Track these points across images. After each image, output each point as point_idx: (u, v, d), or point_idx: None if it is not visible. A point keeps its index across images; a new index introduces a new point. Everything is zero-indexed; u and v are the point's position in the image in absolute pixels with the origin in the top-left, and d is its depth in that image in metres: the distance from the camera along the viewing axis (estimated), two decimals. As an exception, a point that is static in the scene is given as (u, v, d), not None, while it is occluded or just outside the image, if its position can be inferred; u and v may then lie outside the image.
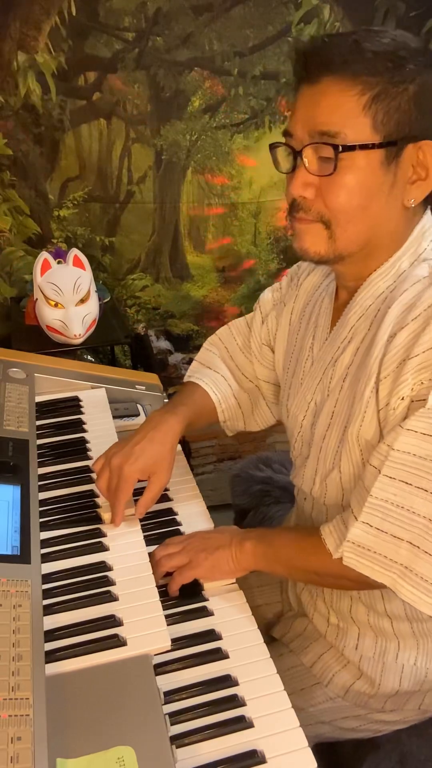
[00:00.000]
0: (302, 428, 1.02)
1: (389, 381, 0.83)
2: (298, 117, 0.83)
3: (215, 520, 1.07)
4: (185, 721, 0.76)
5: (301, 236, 0.88)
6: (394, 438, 0.80)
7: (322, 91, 0.80)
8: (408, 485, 0.80)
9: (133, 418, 1.28)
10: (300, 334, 1.06)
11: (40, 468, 1.07)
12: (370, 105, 0.79)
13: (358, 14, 1.87)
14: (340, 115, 0.80)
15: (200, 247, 2.10)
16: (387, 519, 0.82)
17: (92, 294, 1.71)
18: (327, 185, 0.83)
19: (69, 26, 1.73)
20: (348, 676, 1.04)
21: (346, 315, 0.93)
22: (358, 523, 0.83)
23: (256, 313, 1.18)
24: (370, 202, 0.83)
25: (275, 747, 0.74)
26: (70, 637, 0.81)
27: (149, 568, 0.92)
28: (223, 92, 1.88)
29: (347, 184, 0.82)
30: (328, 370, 0.96)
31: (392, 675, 1.02)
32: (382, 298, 0.89)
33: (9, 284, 1.98)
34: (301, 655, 1.08)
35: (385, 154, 0.81)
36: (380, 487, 0.81)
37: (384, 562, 0.83)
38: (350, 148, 0.80)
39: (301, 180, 0.84)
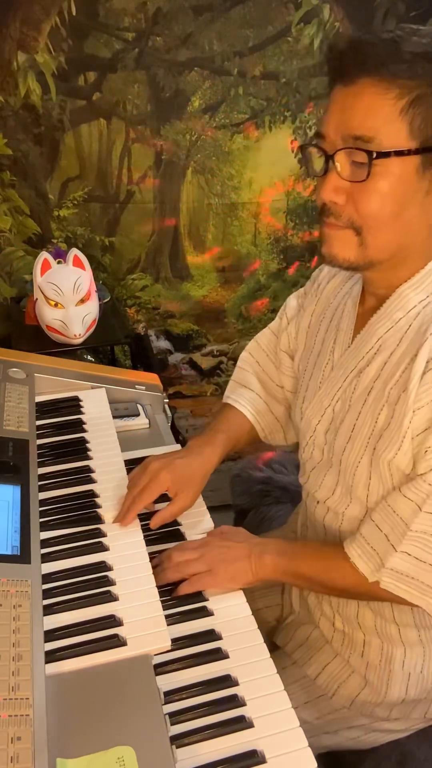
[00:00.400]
0: (315, 432, 1.00)
1: (423, 413, 0.82)
2: (332, 119, 0.80)
3: (215, 520, 1.07)
4: (185, 721, 0.76)
5: (330, 242, 0.85)
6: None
7: (357, 93, 0.77)
8: None
9: (133, 418, 1.28)
10: (319, 336, 1.05)
11: (40, 468, 1.07)
12: (408, 109, 0.76)
13: (358, 14, 1.88)
14: (375, 120, 0.77)
15: (200, 247, 2.10)
16: (426, 549, 0.84)
17: (92, 294, 1.70)
18: (359, 191, 0.80)
19: (69, 26, 1.73)
20: (353, 686, 1.03)
21: (374, 325, 0.90)
22: (397, 554, 0.85)
23: (282, 320, 1.17)
24: (403, 209, 0.80)
25: (275, 747, 0.74)
26: (70, 637, 0.81)
27: (149, 568, 0.92)
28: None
29: (380, 191, 0.79)
30: (351, 380, 0.93)
31: (399, 683, 1.01)
32: (414, 312, 0.86)
33: (9, 284, 1.98)
34: (305, 667, 1.08)
35: (421, 160, 0.78)
36: (421, 522, 0.83)
37: (421, 587, 0.85)
38: (385, 154, 0.77)
39: (333, 184, 0.81)
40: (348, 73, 0.78)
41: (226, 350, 2.29)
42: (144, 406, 1.33)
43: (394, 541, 0.85)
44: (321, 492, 1.01)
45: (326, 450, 0.99)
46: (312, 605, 1.10)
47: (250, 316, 2.24)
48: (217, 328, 2.24)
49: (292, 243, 2.12)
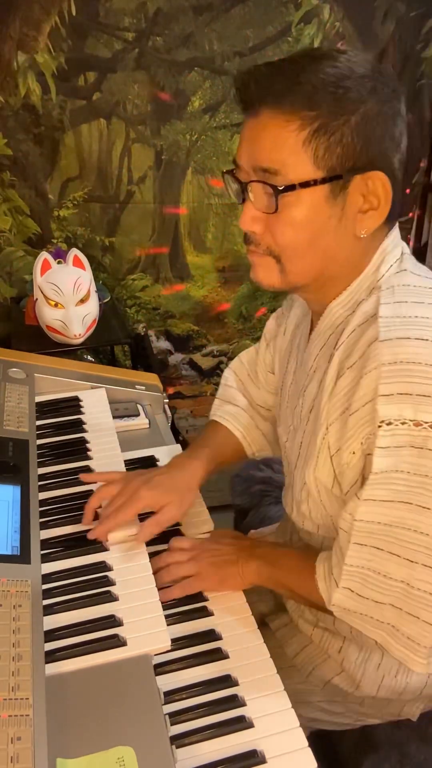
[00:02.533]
0: (286, 450, 1.01)
1: (334, 429, 0.82)
2: (243, 149, 0.80)
3: (215, 520, 1.07)
4: (185, 721, 0.76)
5: (255, 268, 0.86)
6: (354, 508, 0.78)
7: (262, 124, 0.77)
8: (380, 550, 0.79)
9: (133, 418, 1.28)
10: (291, 356, 1.05)
11: (40, 468, 1.07)
12: (311, 140, 0.75)
13: (358, 14, 1.88)
14: (279, 152, 0.76)
15: (200, 246, 2.10)
16: (366, 585, 0.82)
17: (92, 294, 1.71)
18: (274, 221, 0.80)
19: (69, 26, 1.73)
20: (328, 670, 1.03)
21: (311, 344, 0.92)
22: (339, 589, 0.84)
23: (262, 340, 1.17)
24: (318, 236, 0.80)
25: (275, 747, 0.74)
26: (70, 637, 0.81)
27: (149, 568, 0.92)
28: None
29: (293, 221, 0.79)
30: (299, 400, 0.95)
31: (371, 682, 1.00)
32: (340, 329, 0.86)
33: (9, 284, 1.98)
34: (285, 646, 1.08)
35: (330, 188, 0.77)
36: (353, 554, 0.81)
37: (371, 621, 0.84)
38: (290, 187, 0.76)
39: (249, 215, 0.81)
40: (252, 105, 0.78)
41: (226, 350, 2.29)
42: (144, 406, 1.33)
43: (336, 576, 0.84)
44: (287, 507, 1.02)
45: (288, 468, 1.00)
46: (292, 610, 1.09)
47: (251, 316, 2.24)
48: (217, 328, 2.24)
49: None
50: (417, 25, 1.94)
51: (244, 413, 1.17)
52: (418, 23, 1.94)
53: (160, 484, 0.98)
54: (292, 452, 0.97)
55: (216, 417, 1.17)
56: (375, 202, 0.79)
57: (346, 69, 0.76)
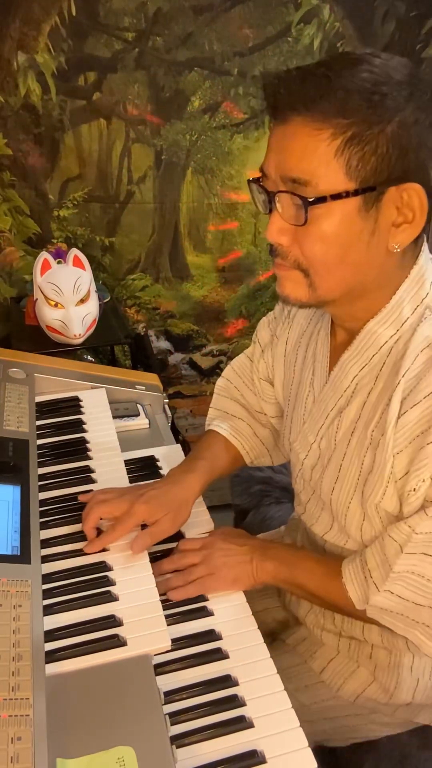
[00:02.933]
0: (303, 467, 0.99)
1: (402, 457, 0.80)
2: (271, 158, 0.77)
3: (215, 520, 1.07)
4: (185, 721, 0.76)
5: (281, 282, 0.83)
6: (417, 522, 0.79)
7: (291, 133, 0.74)
8: (427, 556, 0.80)
9: (133, 418, 1.28)
10: (297, 365, 1.02)
11: (40, 468, 1.07)
12: (343, 150, 0.71)
13: (358, 14, 1.88)
14: (310, 162, 0.72)
15: (200, 246, 2.10)
16: (408, 588, 0.82)
17: (92, 294, 1.71)
18: (302, 234, 0.76)
19: (69, 26, 1.73)
20: (361, 680, 1.02)
21: (347, 363, 0.88)
22: (381, 593, 0.84)
23: (255, 346, 1.14)
24: (349, 251, 0.76)
25: (275, 747, 0.74)
26: (70, 637, 0.81)
27: (149, 568, 0.92)
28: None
29: (323, 235, 0.75)
30: (333, 419, 0.91)
31: (407, 687, 1.00)
32: (386, 349, 0.84)
33: (9, 284, 1.98)
34: (309, 660, 1.06)
35: (362, 200, 0.73)
36: (402, 562, 0.81)
37: (407, 621, 0.85)
38: (321, 199, 0.73)
39: (277, 226, 0.78)
40: (281, 111, 0.74)
41: (226, 350, 2.29)
42: (144, 406, 1.33)
43: (377, 580, 0.84)
44: (318, 527, 1.00)
45: (314, 487, 0.98)
46: (311, 625, 1.08)
47: (250, 316, 2.24)
48: (218, 328, 2.24)
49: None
50: (417, 25, 1.94)
51: (242, 422, 1.16)
52: (418, 23, 1.94)
53: (154, 498, 0.96)
54: (322, 473, 0.94)
55: (213, 427, 1.16)
56: (410, 215, 0.75)
57: (382, 74, 0.72)
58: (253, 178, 0.81)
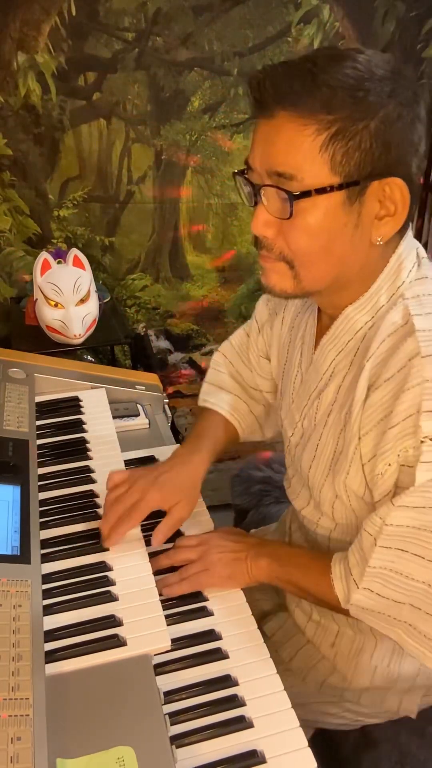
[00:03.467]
0: (290, 444, 1.02)
1: (369, 439, 0.81)
2: (256, 151, 0.78)
3: (215, 520, 1.07)
4: (185, 721, 0.76)
5: (266, 273, 0.84)
6: (387, 513, 0.79)
7: (277, 127, 0.74)
8: (404, 552, 0.80)
9: (133, 418, 1.28)
10: (291, 346, 1.04)
11: (40, 468, 1.07)
12: (327, 145, 0.73)
13: (358, 14, 1.88)
14: (295, 156, 0.74)
15: (200, 246, 2.10)
16: (387, 585, 0.82)
17: (92, 294, 1.71)
18: (287, 227, 0.78)
19: (69, 26, 1.73)
20: (322, 671, 1.05)
21: (326, 347, 0.91)
22: (359, 590, 0.84)
23: (252, 323, 1.15)
24: (333, 243, 0.78)
25: (275, 747, 0.74)
26: (70, 637, 0.81)
27: (149, 568, 0.92)
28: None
29: (308, 228, 0.77)
30: (314, 400, 0.94)
31: (365, 673, 1.02)
32: (361, 335, 0.86)
33: (9, 284, 1.98)
34: (280, 650, 1.08)
35: (346, 194, 0.75)
36: (377, 557, 0.81)
37: (388, 620, 0.85)
38: (306, 193, 0.74)
39: (262, 219, 0.79)
40: (267, 106, 0.75)
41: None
42: (144, 406, 1.33)
43: (356, 577, 0.85)
44: (298, 501, 1.02)
45: (296, 463, 1.00)
46: (289, 597, 1.10)
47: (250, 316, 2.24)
48: (217, 327, 2.24)
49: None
50: (417, 25, 1.94)
51: (237, 398, 1.17)
52: (418, 23, 1.94)
53: (167, 482, 0.97)
54: (303, 450, 0.97)
55: (208, 404, 1.16)
56: (392, 208, 0.77)
57: (366, 71, 0.73)
58: (238, 170, 0.82)
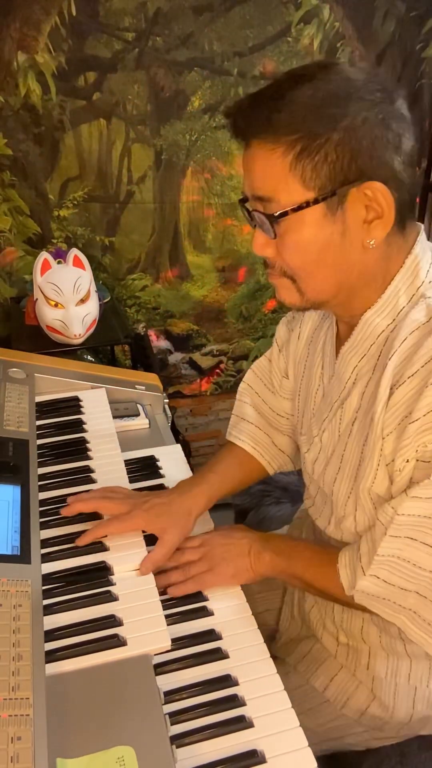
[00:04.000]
0: (306, 460, 1.01)
1: (392, 438, 0.81)
2: (245, 180, 0.82)
3: (215, 520, 1.07)
4: (185, 721, 0.76)
5: (277, 290, 0.88)
6: (399, 503, 0.80)
7: (252, 155, 0.79)
8: (413, 540, 0.80)
9: (133, 418, 1.28)
10: (309, 361, 1.04)
11: (40, 468, 1.07)
12: (295, 164, 0.76)
13: (358, 14, 1.88)
14: (269, 179, 0.78)
15: (200, 247, 2.10)
16: (394, 573, 0.83)
17: (92, 294, 1.71)
18: (280, 245, 0.81)
19: (69, 26, 1.73)
20: (362, 699, 1.02)
21: (347, 354, 0.90)
22: (366, 577, 0.85)
23: (273, 347, 1.15)
24: (324, 254, 0.80)
25: (275, 747, 0.74)
26: (70, 637, 0.81)
27: (149, 568, 0.92)
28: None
29: (297, 244, 0.80)
30: (336, 410, 0.93)
31: (405, 697, 1.00)
32: (383, 338, 0.86)
33: (9, 284, 1.98)
34: (311, 679, 1.06)
35: (326, 206, 0.77)
36: (386, 545, 0.82)
37: (393, 606, 0.85)
38: (283, 214, 0.78)
39: (260, 241, 0.83)
40: (242, 136, 0.80)
41: (226, 350, 2.29)
42: (144, 406, 1.33)
43: (364, 564, 0.85)
44: (322, 520, 1.01)
45: (318, 480, 0.98)
46: (314, 621, 1.08)
47: (251, 316, 2.24)
48: (217, 328, 2.24)
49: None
50: (417, 25, 1.94)
51: (260, 431, 1.16)
52: (418, 23, 1.94)
53: (156, 507, 0.98)
54: (325, 465, 0.95)
55: (231, 437, 1.17)
56: (379, 210, 0.78)
57: (322, 87, 0.75)
58: (240, 199, 0.86)
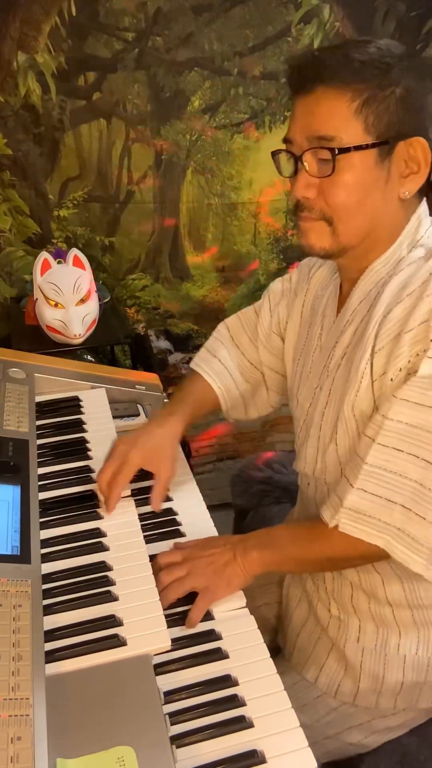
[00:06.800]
0: (307, 415, 1.05)
1: (384, 353, 0.87)
2: (297, 125, 0.90)
3: (215, 520, 1.07)
4: (185, 721, 0.76)
5: (306, 234, 0.93)
6: (388, 408, 0.85)
7: (316, 99, 0.87)
8: (400, 451, 0.85)
9: (133, 418, 1.28)
10: (312, 327, 1.09)
11: (40, 468, 1.07)
12: (361, 109, 0.85)
13: (358, 14, 1.88)
14: (334, 120, 0.86)
15: (200, 247, 2.10)
16: (381, 484, 0.87)
17: (92, 294, 1.71)
18: (327, 185, 0.88)
19: (69, 26, 1.73)
20: (352, 680, 1.04)
21: (349, 300, 0.98)
22: (354, 490, 0.88)
23: (264, 300, 1.22)
24: (367, 197, 0.89)
25: (275, 747, 0.74)
26: (70, 637, 0.81)
27: (149, 568, 0.92)
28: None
29: (345, 183, 0.88)
30: (330, 351, 1.00)
31: (395, 667, 1.02)
32: (382, 282, 0.93)
33: (9, 284, 1.98)
34: (303, 671, 1.09)
35: (378, 152, 0.87)
36: (374, 454, 0.86)
37: (378, 525, 0.88)
38: (346, 149, 0.86)
39: (304, 182, 0.90)
40: (307, 84, 0.87)
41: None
42: (144, 406, 1.33)
43: (351, 479, 0.89)
44: (308, 465, 1.04)
45: (309, 420, 1.03)
46: (310, 591, 1.12)
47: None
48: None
49: (292, 243, 2.13)
50: (417, 25, 1.94)
51: (226, 372, 1.22)
52: (418, 23, 1.94)
53: (145, 443, 1.03)
54: (317, 402, 1.01)
55: (199, 369, 1.22)
56: (415, 167, 0.88)
57: (386, 50, 0.87)
58: (277, 150, 0.94)
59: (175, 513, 1.08)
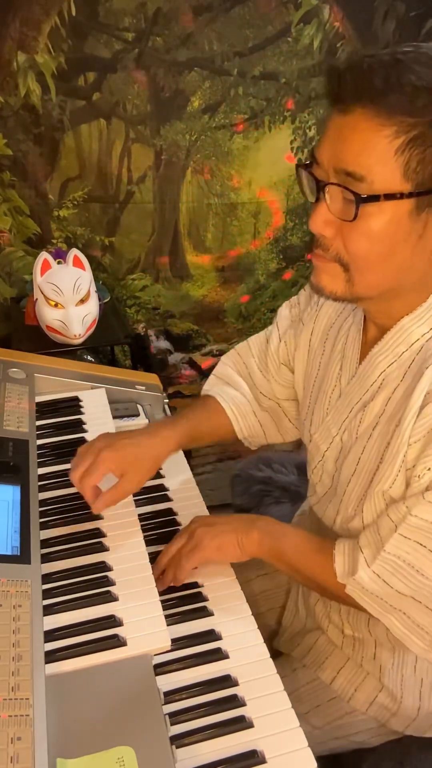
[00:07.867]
0: (324, 459, 0.99)
1: (418, 447, 0.80)
2: (326, 146, 0.75)
3: (215, 520, 1.06)
4: (185, 721, 0.76)
5: (318, 273, 0.81)
6: (414, 504, 0.79)
7: (353, 123, 0.71)
8: (422, 547, 0.80)
9: (133, 418, 1.28)
10: (324, 358, 1.01)
11: (40, 468, 1.07)
12: (404, 149, 0.69)
13: (358, 14, 1.87)
14: (369, 157, 0.71)
15: (200, 246, 2.10)
16: (396, 575, 0.83)
17: (92, 294, 1.71)
18: (348, 229, 0.75)
19: (69, 26, 1.73)
20: (371, 688, 1.02)
21: (376, 357, 0.88)
22: (369, 571, 0.84)
23: (274, 329, 1.13)
24: (394, 251, 0.75)
25: (275, 747, 0.74)
26: (70, 637, 0.81)
27: (149, 568, 0.92)
28: (223, 92, 1.87)
29: (370, 232, 0.74)
30: (357, 412, 0.91)
31: (412, 689, 1.00)
32: (418, 346, 0.83)
33: (9, 284, 1.98)
34: (318, 671, 1.06)
35: (415, 203, 0.72)
36: (395, 544, 0.82)
37: (385, 606, 0.85)
38: (374, 197, 0.71)
39: (322, 217, 0.76)
40: (345, 100, 0.72)
41: (226, 350, 2.29)
42: (144, 406, 1.33)
43: (368, 556, 0.85)
44: (327, 518, 1.01)
45: (334, 478, 0.98)
46: (319, 614, 1.08)
47: (250, 316, 2.24)
48: (217, 328, 2.24)
49: (292, 243, 2.13)
50: (417, 25, 1.94)
51: (242, 398, 1.14)
52: (418, 23, 1.93)
53: (123, 448, 0.94)
54: (341, 466, 0.95)
55: (211, 392, 1.15)
56: None
57: None
58: (301, 163, 0.79)
59: (175, 513, 1.08)
